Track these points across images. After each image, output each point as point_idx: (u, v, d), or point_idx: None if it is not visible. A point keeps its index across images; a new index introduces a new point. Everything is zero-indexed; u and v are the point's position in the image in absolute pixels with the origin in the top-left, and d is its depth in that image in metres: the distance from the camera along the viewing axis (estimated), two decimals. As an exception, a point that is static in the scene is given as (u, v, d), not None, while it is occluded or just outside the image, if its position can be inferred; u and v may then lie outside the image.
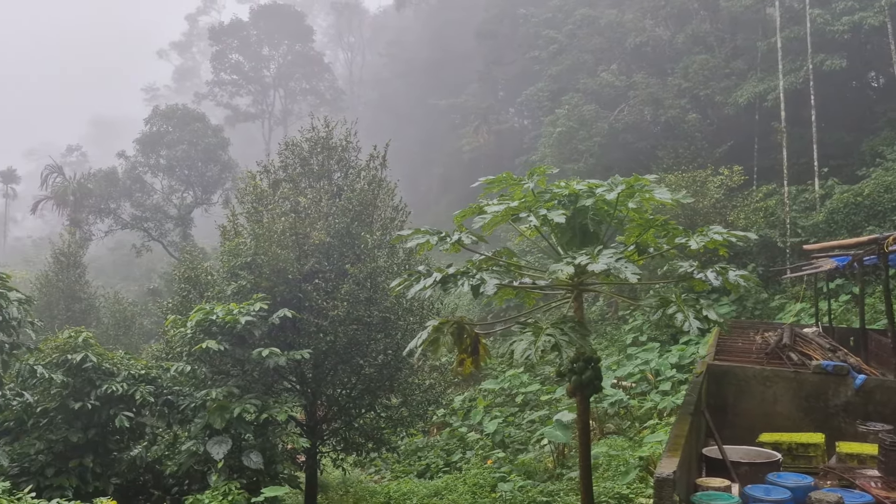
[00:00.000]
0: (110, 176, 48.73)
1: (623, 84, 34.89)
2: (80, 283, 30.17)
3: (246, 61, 73.89)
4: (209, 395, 11.13)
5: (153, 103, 74.51)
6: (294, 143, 15.18)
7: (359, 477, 19.78)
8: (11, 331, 10.50)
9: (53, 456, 10.93)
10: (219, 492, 10.01)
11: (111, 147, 73.19)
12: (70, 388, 11.28)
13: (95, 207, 47.64)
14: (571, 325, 5.69)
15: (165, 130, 50.35)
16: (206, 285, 14.40)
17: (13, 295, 10.66)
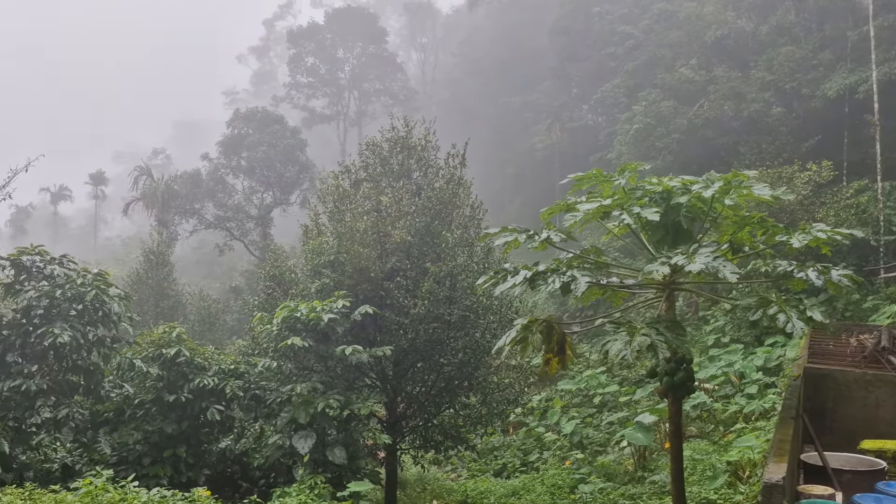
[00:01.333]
0: (194, 177, 50.52)
1: (703, 79, 33.98)
2: (168, 281, 31.39)
3: (321, 64, 75.35)
4: (294, 391, 11.40)
5: (233, 107, 76.80)
6: (374, 143, 15.38)
7: (436, 474, 19.92)
8: (112, 325, 11.02)
9: (150, 446, 11.40)
10: (305, 485, 10.22)
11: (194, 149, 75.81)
12: (165, 382, 11.74)
13: (181, 208, 49.49)
14: (667, 325, 5.58)
15: (246, 133, 51.85)
16: (289, 283, 14.75)
17: (113, 291, 11.19)
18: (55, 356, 10.63)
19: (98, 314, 10.87)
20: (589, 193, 6.56)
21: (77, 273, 11.05)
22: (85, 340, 10.57)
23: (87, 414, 11.11)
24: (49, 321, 10.43)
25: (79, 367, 10.84)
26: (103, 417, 11.59)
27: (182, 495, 8.38)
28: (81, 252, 54.39)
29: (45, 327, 10.26)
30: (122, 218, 76.52)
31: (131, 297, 12.15)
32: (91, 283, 10.84)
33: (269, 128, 51.26)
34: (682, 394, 6.39)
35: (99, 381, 11.15)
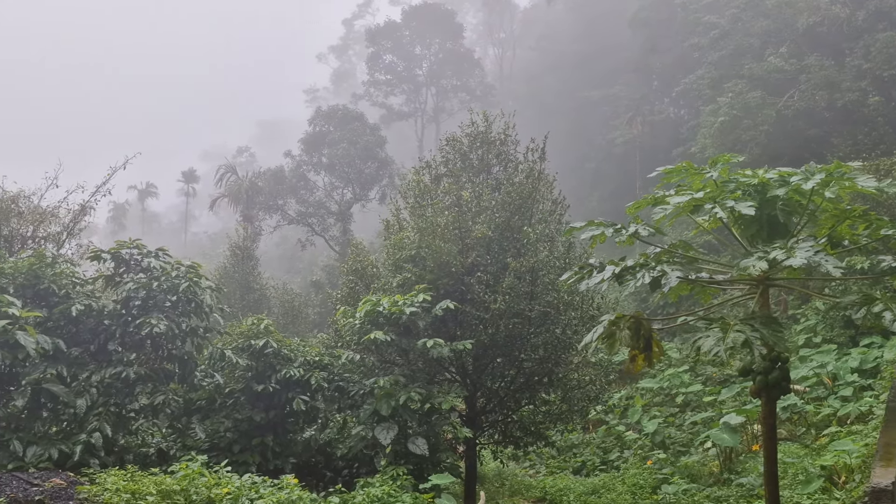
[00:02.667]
0: (278, 174, 51.93)
1: (793, 68, 32.63)
2: (253, 275, 32.42)
3: (399, 61, 76.08)
4: (377, 383, 11.57)
5: (314, 105, 78.54)
6: (454, 139, 15.44)
7: (514, 470, 19.88)
8: (204, 316, 11.45)
9: (239, 433, 11.78)
10: (387, 476, 10.37)
11: (276, 147, 77.87)
12: (253, 372, 12.11)
13: (264, 204, 50.97)
14: (762, 321, 5.40)
15: (327, 130, 52.94)
16: (371, 277, 14.99)
17: (204, 283, 11.62)
18: (152, 345, 11.13)
19: (191, 305, 11.32)
20: (678, 187, 6.40)
21: (171, 266, 11.53)
22: (179, 330, 11.03)
23: (182, 401, 11.57)
24: (146, 311, 10.92)
25: (174, 356, 11.32)
26: (196, 405, 12.04)
27: (271, 482, 8.64)
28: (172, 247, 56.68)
29: (142, 317, 10.75)
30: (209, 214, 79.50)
31: (222, 289, 12.58)
32: (184, 276, 11.30)
33: (349, 125, 52.19)
34: (776, 394, 6.17)
35: (192, 369, 11.62)
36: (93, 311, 10.91)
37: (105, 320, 11.00)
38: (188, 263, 11.68)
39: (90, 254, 12.04)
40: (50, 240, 17.68)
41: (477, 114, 15.53)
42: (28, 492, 7.22)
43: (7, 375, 10.06)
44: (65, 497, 7.28)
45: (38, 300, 10.79)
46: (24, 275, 10.81)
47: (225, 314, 12.49)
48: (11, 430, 9.43)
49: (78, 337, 10.90)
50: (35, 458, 9.02)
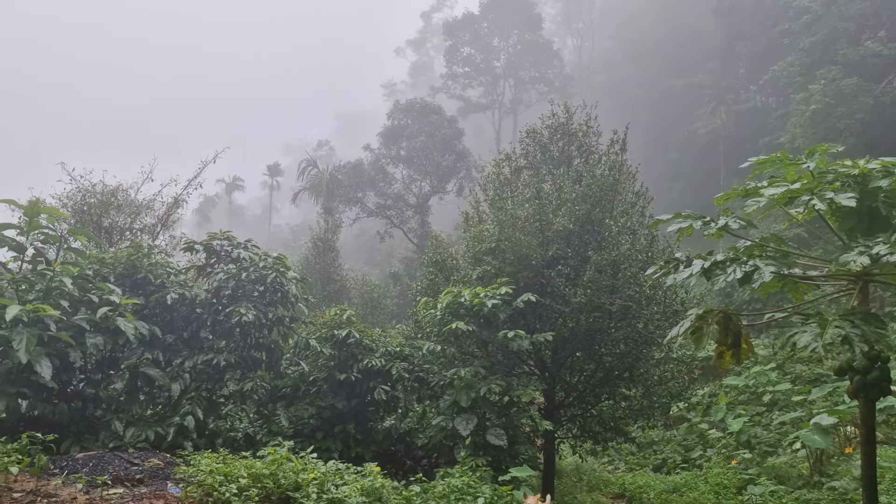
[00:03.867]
0: (357, 167, 52.76)
1: (893, 52, 30.95)
2: (333, 266, 33.11)
3: (477, 53, 75.99)
4: (457, 374, 11.65)
5: (392, 98, 79.41)
6: (534, 131, 15.34)
7: (592, 465, 19.69)
8: (289, 306, 11.78)
9: (322, 421, 12.08)
10: (467, 466, 10.44)
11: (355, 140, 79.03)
12: (336, 361, 12.39)
13: (344, 197, 51.90)
14: (863, 318, 5.17)
15: (405, 123, 53.43)
16: (450, 269, 15.07)
17: (290, 274, 11.94)
18: (241, 333, 11.53)
19: (277, 295, 11.66)
20: (770, 178, 6.19)
21: (259, 257, 11.90)
22: (266, 320, 11.38)
23: (268, 388, 11.95)
24: (235, 301, 11.32)
25: (261, 345, 11.70)
26: (281, 392, 12.41)
27: (354, 469, 8.83)
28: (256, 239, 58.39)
29: (232, 307, 11.15)
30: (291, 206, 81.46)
31: (307, 280, 12.91)
32: (271, 267, 11.64)
33: (427, 118, 52.52)
34: (875, 395, 5.91)
35: (279, 357, 11.98)
36: (186, 299, 11.39)
37: (197, 309, 11.46)
38: (275, 255, 12.02)
39: (183, 245, 12.56)
40: (145, 231, 18.54)
41: (558, 105, 15.39)
42: (129, 470, 7.62)
43: (108, 359, 10.61)
44: (162, 476, 7.64)
45: (136, 289, 11.33)
46: (123, 265, 11.38)
47: (309, 304, 12.80)
48: (112, 412, 9.95)
49: (172, 324, 11.40)
50: (133, 439, 9.49)
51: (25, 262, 10.17)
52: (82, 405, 10.03)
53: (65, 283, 9.45)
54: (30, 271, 10.00)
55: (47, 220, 10.18)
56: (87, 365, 10.29)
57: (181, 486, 7.12)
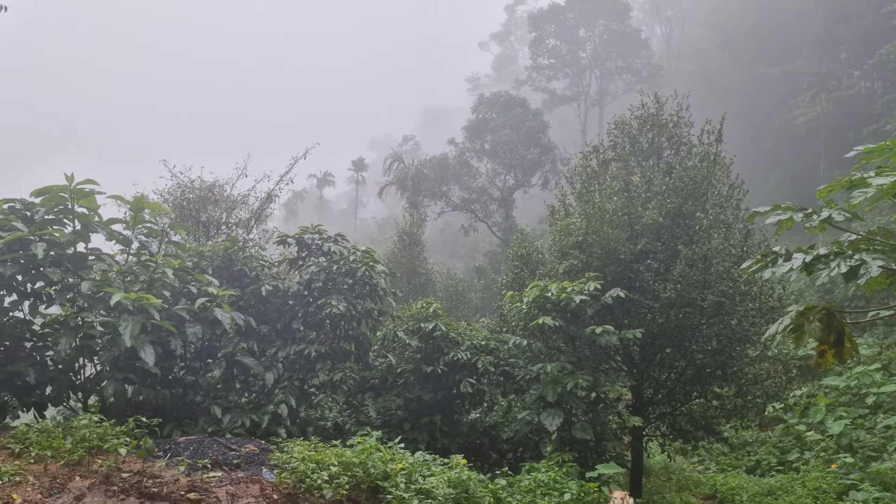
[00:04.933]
0: (442, 162, 53.09)
1: None
2: (419, 260, 33.45)
3: (562, 45, 75.07)
4: (543, 369, 11.58)
5: (476, 92, 79.41)
6: (623, 122, 15.02)
7: (682, 464, 19.22)
8: (378, 299, 11.98)
9: (409, 412, 12.25)
10: (553, 461, 10.36)
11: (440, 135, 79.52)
12: (423, 354, 12.53)
13: (429, 191, 52.32)
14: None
15: (489, 117, 53.37)
16: (536, 263, 14.98)
17: (378, 268, 12.13)
18: (331, 325, 11.80)
19: (366, 288, 11.87)
20: (878, 168, 5.86)
21: (349, 251, 12.15)
22: (355, 312, 11.61)
23: (357, 379, 12.21)
24: (326, 293, 11.59)
25: (350, 336, 11.95)
26: (370, 383, 12.66)
27: (441, 460, 8.91)
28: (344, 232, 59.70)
29: (323, 299, 11.42)
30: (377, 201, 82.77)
31: (395, 273, 13.10)
32: (360, 260, 11.86)
33: (511, 111, 52.30)
34: None
35: (367, 349, 12.21)
36: (279, 291, 11.75)
37: (289, 301, 11.81)
38: (364, 249, 12.23)
39: (276, 238, 12.96)
40: (240, 225, 19.23)
41: (647, 95, 15.02)
42: (227, 455, 7.93)
43: (206, 348, 11.07)
44: (257, 462, 7.91)
45: (232, 281, 11.77)
46: (221, 257, 11.84)
47: (397, 298, 12.97)
48: (210, 398, 10.38)
49: (266, 315, 11.78)
50: (230, 424, 9.87)
51: (131, 254, 10.73)
52: (183, 391, 10.50)
53: (167, 275, 9.91)
54: (135, 263, 10.55)
55: (150, 215, 10.71)
56: (186, 353, 10.77)
57: (275, 472, 7.36)
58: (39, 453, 7.08)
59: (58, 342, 9.15)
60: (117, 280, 9.87)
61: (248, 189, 20.12)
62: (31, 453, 7.11)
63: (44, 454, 7.06)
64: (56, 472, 6.70)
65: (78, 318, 9.27)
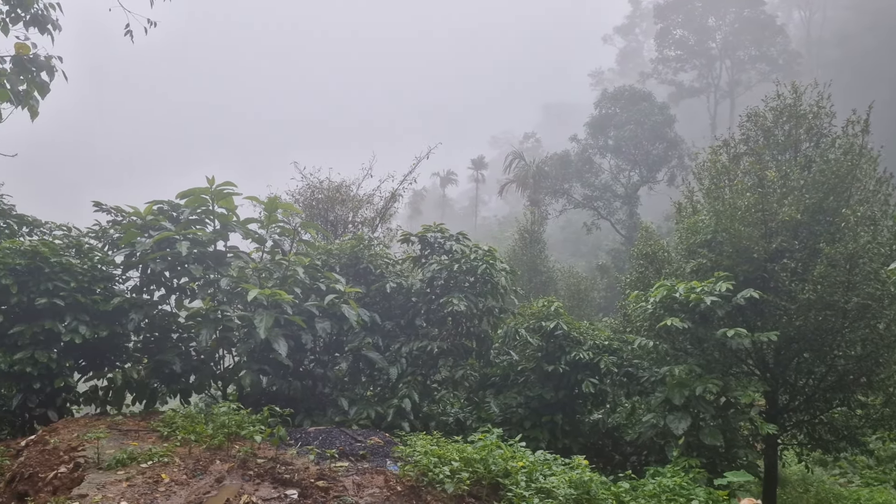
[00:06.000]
0: (563, 159, 52.52)
1: None
2: (540, 258, 33.26)
3: (690, 35, 72.47)
4: (670, 372, 11.23)
5: (599, 87, 78.07)
6: (756, 114, 14.28)
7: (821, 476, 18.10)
8: (499, 297, 12.01)
9: (530, 410, 12.20)
10: (679, 467, 10.03)
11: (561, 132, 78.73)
12: (544, 352, 12.45)
13: (550, 188, 51.90)
14: None
15: (613, 112, 52.27)
16: (661, 262, 14.54)
17: (499, 266, 12.16)
18: (453, 322, 11.94)
19: (487, 286, 11.92)
20: None
21: (470, 249, 12.24)
22: (477, 310, 11.69)
23: (478, 376, 12.31)
24: (448, 291, 11.75)
25: (472, 333, 12.05)
26: (491, 380, 12.72)
27: (562, 460, 8.82)
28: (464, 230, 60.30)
29: (445, 296, 11.58)
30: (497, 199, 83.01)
31: (516, 271, 13.09)
32: (482, 258, 11.92)
33: (635, 106, 51.00)
34: None
35: (488, 347, 12.28)
36: (402, 289, 12.03)
37: (412, 298, 12.06)
38: (485, 247, 12.30)
39: (400, 237, 13.28)
40: (366, 224, 19.85)
41: (784, 85, 14.21)
42: (353, 446, 8.21)
43: (334, 342, 11.51)
44: (382, 454, 8.14)
45: (358, 278, 12.17)
46: (348, 255, 12.28)
47: (518, 296, 12.96)
48: (338, 390, 10.80)
49: (390, 312, 12.10)
50: (356, 416, 10.22)
51: (265, 252, 11.33)
52: (312, 383, 10.97)
53: (298, 272, 10.39)
54: (269, 261, 11.13)
55: (283, 215, 11.25)
56: (316, 347, 11.24)
57: (399, 465, 7.55)
58: (184, 437, 7.62)
59: (200, 334, 9.82)
60: (253, 277, 10.44)
61: (374, 189, 20.74)
62: (178, 437, 7.66)
63: (188, 438, 7.60)
64: (199, 455, 7.18)
65: (218, 312, 9.90)
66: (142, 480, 6.32)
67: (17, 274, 9.92)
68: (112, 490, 6.05)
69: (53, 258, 10.10)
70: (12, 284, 9.77)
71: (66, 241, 11.12)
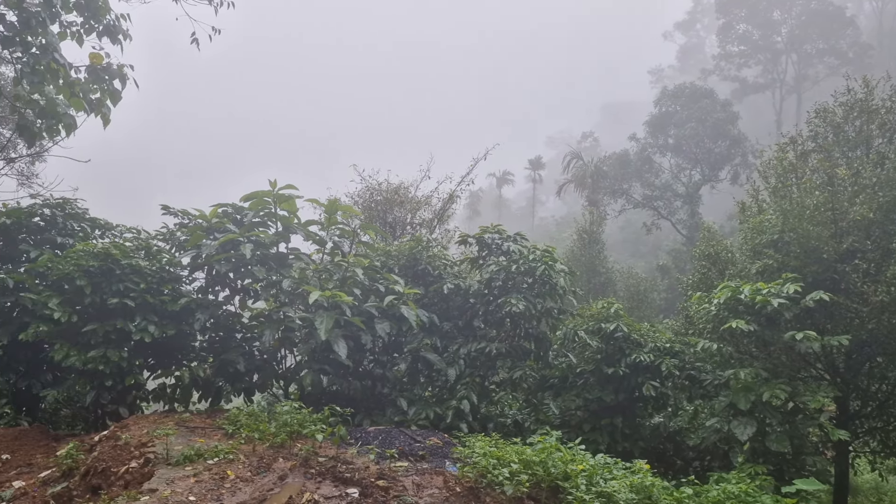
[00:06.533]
0: (622, 158, 51.80)
1: None
2: (599, 259, 32.87)
3: (754, 30, 70.66)
4: (735, 375, 10.95)
5: (658, 85, 76.76)
6: (825, 110, 13.82)
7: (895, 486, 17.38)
8: (558, 298, 11.91)
9: (589, 413, 12.08)
10: (745, 473, 9.77)
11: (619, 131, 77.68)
12: (603, 354, 12.30)
13: (609, 188, 51.26)
14: None
15: (673, 110, 51.32)
16: (725, 263, 14.21)
17: (558, 267, 12.05)
18: (511, 323, 11.90)
19: (546, 287, 11.83)
20: None
21: (528, 250, 12.18)
22: (535, 311, 11.61)
23: (537, 377, 12.23)
24: (506, 292, 11.71)
25: (530, 335, 11.98)
26: (549, 382, 12.63)
27: (623, 464, 8.69)
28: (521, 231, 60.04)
29: (503, 297, 11.55)
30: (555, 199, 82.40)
31: (575, 273, 12.96)
32: (540, 259, 11.84)
33: (697, 103, 49.95)
34: None
35: (547, 348, 12.18)
36: (460, 290, 12.05)
37: (470, 299, 12.06)
38: (543, 248, 12.22)
39: (458, 238, 13.29)
40: (424, 225, 19.96)
41: (854, 79, 13.71)
42: (412, 446, 8.26)
43: (393, 343, 11.60)
44: (441, 455, 8.17)
45: (417, 279, 12.24)
46: (406, 257, 12.37)
47: (577, 296, 12.84)
48: (397, 391, 10.88)
49: (448, 313, 12.12)
50: (415, 416, 10.28)
51: (325, 253, 11.51)
52: (371, 383, 11.08)
53: (357, 274, 10.51)
54: (329, 262, 11.29)
55: (343, 217, 11.40)
56: (375, 347, 11.34)
57: (458, 466, 7.56)
58: (248, 435, 7.80)
59: (263, 334, 10.04)
60: (314, 278, 10.61)
61: (431, 190, 20.84)
62: (242, 435, 7.84)
63: (252, 436, 7.77)
64: (262, 452, 7.33)
65: (280, 313, 10.11)
66: (208, 476, 6.48)
67: (90, 275, 10.33)
68: (180, 485, 6.23)
69: (124, 260, 10.47)
70: (86, 285, 10.17)
71: (135, 244, 11.53)
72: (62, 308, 10.21)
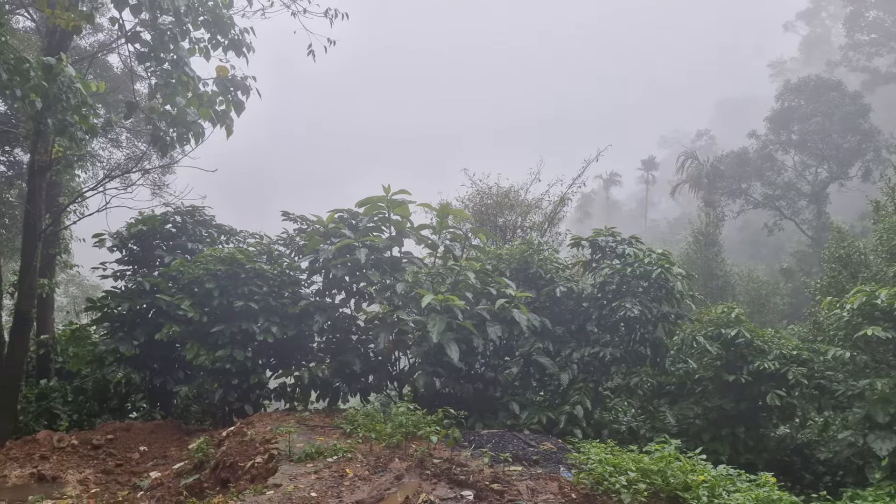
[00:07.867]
0: (741, 157, 49.60)
1: None
2: (716, 262, 31.65)
3: (886, 16, 66.01)
4: (872, 385, 10.25)
5: (780, 79, 73.07)
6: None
7: None
8: (675, 302, 11.55)
9: (708, 422, 11.63)
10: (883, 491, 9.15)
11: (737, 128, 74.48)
12: (723, 361, 11.82)
13: (727, 188, 49.19)
14: None
15: (797, 104, 48.67)
16: (857, 265, 13.34)
17: (675, 270, 11.68)
18: (626, 328, 11.63)
19: (662, 291, 11.49)
20: None
21: (644, 253, 11.87)
22: (651, 315, 11.30)
23: (653, 384, 11.90)
24: (620, 296, 11.45)
25: (646, 340, 11.66)
26: (666, 389, 12.25)
27: (747, 476, 8.31)
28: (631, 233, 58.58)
29: (617, 301, 11.31)
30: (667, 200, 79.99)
31: (693, 276, 12.52)
32: (656, 262, 11.52)
33: (823, 96, 47.14)
34: None
35: (664, 354, 11.82)
36: (573, 293, 11.90)
37: (583, 303, 11.89)
38: (659, 251, 11.89)
39: (571, 241, 13.13)
40: (534, 228, 19.85)
41: None
42: (526, 451, 8.22)
43: (504, 347, 11.59)
44: (554, 461, 8.08)
45: (528, 283, 12.17)
46: (517, 260, 12.33)
47: (696, 301, 12.40)
48: (509, 394, 10.86)
49: (560, 317, 11.99)
50: (527, 420, 10.23)
51: (437, 257, 11.66)
52: (483, 386, 11.11)
53: (469, 277, 10.58)
54: (441, 266, 11.43)
55: (454, 221, 11.51)
56: (487, 351, 11.37)
57: (573, 472, 7.45)
58: (365, 435, 8.00)
59: (378, 336, 10.29)
60: (426, 281, 10.77)
61: (542, 193, 20.70)
62: (359, 434, 8.06)
63: (368, 436, 7.97)
64: (379, 452, 7.50)
65: (394, 316, 10.31)
66: (328, 474, 6.70)
67: (217, 279, 10.92)
68: (302, 482, 6.47)
69: (248, 264, 11.00)
70: (214, 288, 10.75)
71: (258, 249, 12.08)
72: (193, 309, 10.84)
